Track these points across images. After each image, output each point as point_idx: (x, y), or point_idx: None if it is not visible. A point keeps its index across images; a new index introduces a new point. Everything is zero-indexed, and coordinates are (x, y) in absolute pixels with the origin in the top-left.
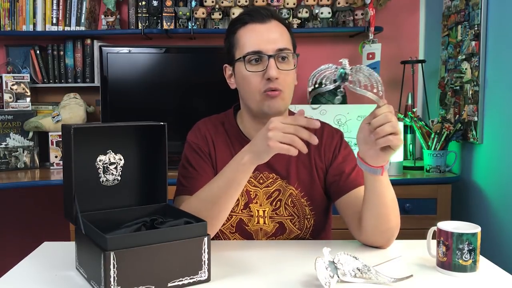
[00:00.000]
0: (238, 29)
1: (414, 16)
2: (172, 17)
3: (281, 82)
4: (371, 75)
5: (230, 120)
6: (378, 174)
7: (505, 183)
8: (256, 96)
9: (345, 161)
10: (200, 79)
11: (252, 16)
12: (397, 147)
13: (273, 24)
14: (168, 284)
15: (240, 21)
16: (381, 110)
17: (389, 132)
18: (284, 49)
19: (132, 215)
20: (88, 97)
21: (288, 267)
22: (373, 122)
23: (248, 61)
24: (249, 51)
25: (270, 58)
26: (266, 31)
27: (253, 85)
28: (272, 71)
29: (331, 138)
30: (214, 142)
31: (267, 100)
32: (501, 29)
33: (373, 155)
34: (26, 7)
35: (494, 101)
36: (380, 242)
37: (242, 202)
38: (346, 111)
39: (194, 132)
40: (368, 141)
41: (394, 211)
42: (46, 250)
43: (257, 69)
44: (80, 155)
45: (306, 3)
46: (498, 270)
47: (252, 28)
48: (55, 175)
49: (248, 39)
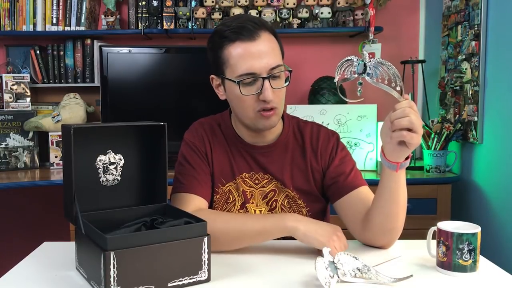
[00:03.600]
0: (227, 46)
1: (414, 16)
2: (172, 17)
3: (275, 100)
4: (390, 69)
5: (226, 122)
6: (392, 169)
7: (505, 183)
8: (250, 114)
9: (343, 163)
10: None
11: (240, 34)
12: (412, 145)
13: (262, 38)
14: (168, 284)
15: (228, 39)
16: (401, 105)
17: (405, 126)
18: (276, 67)
19: (132, 215)
20: (88, 97)
21: (288, 267)
22: (391, 116)
23: (242, 84)
24: (242, 73)
25: (265, 80)
26: (257, 51)
27: (247, 104)
28: (268, 94)
29: (327, 141)
30: (211, 143)
31: (262, 119)
32: (501, 29)
33: (390, 149)
34: (26, 7)
35: (494, 101)
36: (383, 242)
37: (238, 202)
38: (346, 111)
39: (191, 131)
40: (388, 134)
41: (403, 212)
42: (46, 250)
43: (251, 91)
44: (80, 155)
45: (306, 3)
46: (498, 270)
47: (242, 46)
48: (55, 175)
49: (239, 59)
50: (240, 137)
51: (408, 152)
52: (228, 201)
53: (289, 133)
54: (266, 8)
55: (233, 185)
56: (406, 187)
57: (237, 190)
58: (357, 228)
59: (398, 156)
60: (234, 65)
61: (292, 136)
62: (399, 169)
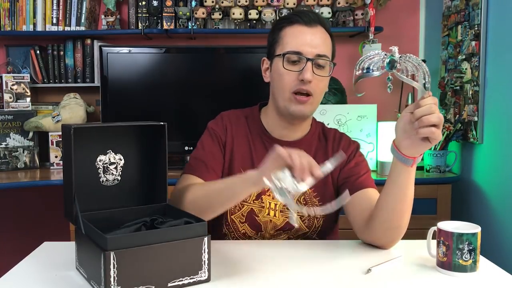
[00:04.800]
0: (284, 27)
1: (414, 16)
2: (172, 17)
3: (313, 87)
4: (420, 65)
5: (254, 115)
6: (408, 164)
7: (505, 183)
8: (286, 94)
9: (358, 166)
10: (200, 79)
11: (300, 17)
12: (435, 141)
13: (318, 29)
14: (168, 284)
15: (288, 20)
16: (426, 101)
17: (434, 123)
18: (323, 55)
19: (132, 215)
20: (88, 97)
21: (288, 267)
22: (417, 112)
23: (287, 59)
24: (290, 50)
25: (308, 61)
26: (310, 35)
27: (286, 82)
28: (307, 74)
29: (348, 146)
30: (234, 134)
31: (295, 103)
32: (501, 29)
33: (408, 145)
34: (26, 7)
35: (494, 101)
36: (385, 241)
37: (254, 193)
38: (346, 111)
39: (216, 120)
40: (407, 130)
41: (409, 211)
42: (46, 250)
43: (293, 69)
44: (80, 155)
45: (306, 3)
46: (498, 270)
47: (297, 28)
48: (55, 175)
49: (292, 38)
50: (267, 131)
51: (429, 147)
52: None
53: (315, 134)
54: (266, 8)
55: None
56: (413, 186)
57: None
58: (361, 227)
59: (417, 151)
60: (285, 43)
61: (317, 138)
62: (415, 163)
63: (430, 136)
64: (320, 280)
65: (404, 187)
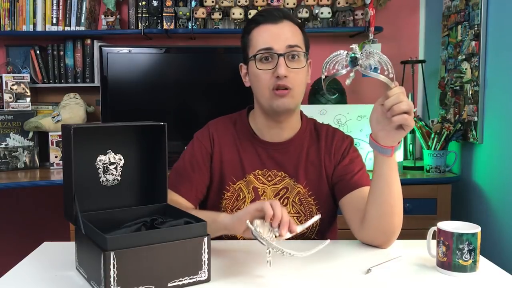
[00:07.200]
0: (252, 29)
1: (414, 16)
2: (172, 17)
3: (290, 80)
4: (381, 58)
5: (243, 119)
6: (387, 154)
7: (505, 183)
8: (266, 93)
9: (352, 163)
10: (200, 79)
11: (265, 17)
12: (409, 128)
13: (285, 23)
14: (168, 284)
15: (254, 22)
16: (394, 91)
17: (405, 110)
18: (294, 45)
19: (132, 215)
20: (88, 97)
21: (288, 267)
22: (387, 102)
23: (259, 60)
24: (260, 48)
25: (280, 57)
26: (277, 31)
27: (263, 82)
28: (281, 69)
29: (341, 142)
30: (221, 143)
31: (276, 99)
32: (501, 29)
33: (384, 135)
34: (26, 7)
35: (494, 101)
36: (381, 239)
37: (249, 199)
38: (346, 111)
39: (202, 130)
40: (380, 121)
41: (399, 204)
42: (46, 250)
43: (267, 67)
44: (80, 155)
45: (306, 3)
46: (498, 270)
47: (264, 28)
48: (55, 175)
49: (260, 37)
50: (257, 134)
51: (404, 134)
52: (239, 199)
53: (306, 131)
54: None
55: (243, 183)
56: (399, 178)
57: (247, 187)
58: (357, 226)
59: (393, 140)
60: (255, 44)
61: (308, 135)
62: (393, 153)
63: (404, 123)
64: (320, 280)
65: (389, 178)
